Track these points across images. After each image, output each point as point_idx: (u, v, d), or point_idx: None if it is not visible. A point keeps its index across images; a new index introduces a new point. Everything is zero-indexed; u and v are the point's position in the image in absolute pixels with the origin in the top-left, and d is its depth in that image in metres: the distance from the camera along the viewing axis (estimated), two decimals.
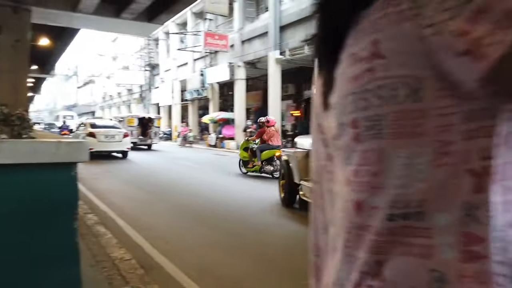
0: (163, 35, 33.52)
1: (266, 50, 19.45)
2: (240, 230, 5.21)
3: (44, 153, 2.11)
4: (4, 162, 2.01)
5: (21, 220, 2.07)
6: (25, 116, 3.02)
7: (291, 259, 3.76)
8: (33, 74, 33.41)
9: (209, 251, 4.32)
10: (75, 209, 2.21)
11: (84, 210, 5.73)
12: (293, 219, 5.70)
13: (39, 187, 2.12)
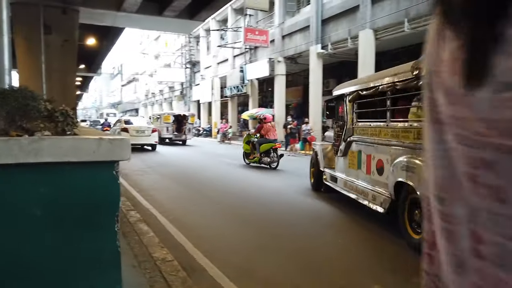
0: (203, 32, 33.84)
1: (307, 44, 19.02)
2: (283, 230, 4.99)
3: (84, 151, 1.98)
4: (43, 161, 1.90)
5: (60, 221, 1.96)
6: (69, 112, 2.96)
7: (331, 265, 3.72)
8: (81, 73, 34.87)
9: (252, 252, 4.13)
10: (116, 210, 2.08)
11: (127, 206, 5.73)
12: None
13: (79, 187, 2.00)
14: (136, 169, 10.81)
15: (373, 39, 15.57)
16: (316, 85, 18.71)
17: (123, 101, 69.44)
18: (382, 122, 5.25)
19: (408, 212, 4.39)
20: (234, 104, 28.78)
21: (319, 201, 6.72)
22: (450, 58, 0.33)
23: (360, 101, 6.00)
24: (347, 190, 6.08)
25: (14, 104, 2.69)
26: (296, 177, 9.30)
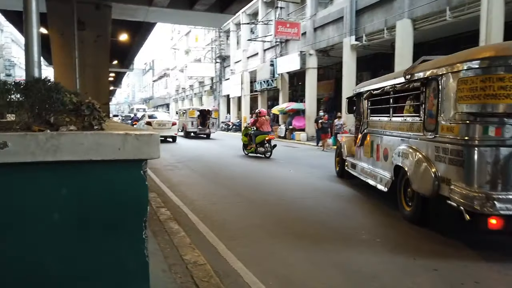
0: (233, 26, 33.66)
1: (340, 36, 18.41)
2: (322, 231, 4.67)
3: (109, 148, 1.75)
4: (63, 159, 1.68)
5: (82, 227, 1.74)
6: (95, 106, 2.75)
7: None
8: (114, 68, 35.58)
9: (288, 256, 3.84)
10: (144, 214, 1.84)
11: (158, 203, 5.58)
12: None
13: (102, 189, 1.77)
14: (166, 164, 10.74)
15: (411, 29, 14.82)
16: (350, 78, 18.10)
17: (155, 96, 70.60)
18: (387, 117, 6.23)
19: (403, 190, 5.32)
20: (264, 99, 28.46)
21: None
22: None
23: (372, 99, 6.98)
24: (363, 175, 7.03)
25: (38, 95, 2.52)
26: (327, 173, 8.93)
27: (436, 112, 4.55)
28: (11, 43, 43.83)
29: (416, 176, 4.87)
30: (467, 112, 4.01)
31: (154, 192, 6.36)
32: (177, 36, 54.27)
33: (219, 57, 36.55)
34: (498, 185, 3.83)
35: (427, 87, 4.86)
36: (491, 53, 3.89)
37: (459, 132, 4.10)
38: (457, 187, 4.07)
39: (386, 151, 6.09)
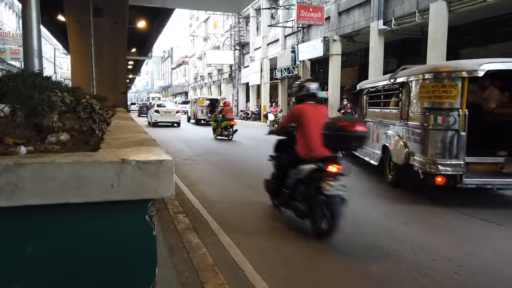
0: (253, 12, 32.75)
1: (367, 20, 17.40)
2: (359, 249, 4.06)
3: (95, 184, 1.14)
4: (24, 204, 1.09)
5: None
6: (95, 106, 2.16)
7: None
8: (132, 56, 35.23)
9: (329, 277, 3.23)
10: (151, 279, 1.24)
11: (175, 207, 5.03)
12: None
13: (87, 246, 1.17)
14: (185, 157, 10.23)
15: (446, 12, 13.76)
16: (377, 64, 17.14)
17: (173, 84, 70.42)
18: (379, 109, 8.10)
19: (387, 163, 7.04)
20: (284, 87, 27.65)
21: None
22: None
23: (369, 95, 8.79)
24: (361, 154, 8.55)
25: (17, 95, 1.95)
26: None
27: (408, 106, 6.38)
28: None
29: (395, 151, 6.67)
30: (425, 107, 5.87)
31: None
32: (195, 23, 53.59)
33: (238, 44, 35.75)
34: (443, 155, 5.59)
35: (403, 88, 6.68)
36: (438, 69, 5.86)
37: (420, 120, 5.96)
38: (418, 157, 5.93)
39: (378, 135, 7.79)
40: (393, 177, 6.79)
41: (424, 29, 16.93)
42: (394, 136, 6.77)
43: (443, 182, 5.51)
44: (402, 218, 5.07)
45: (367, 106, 8.90)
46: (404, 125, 6.45)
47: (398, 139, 6.56)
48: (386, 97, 7.89)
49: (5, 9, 36.24)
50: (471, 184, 5.53)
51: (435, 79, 5.74)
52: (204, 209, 5.25)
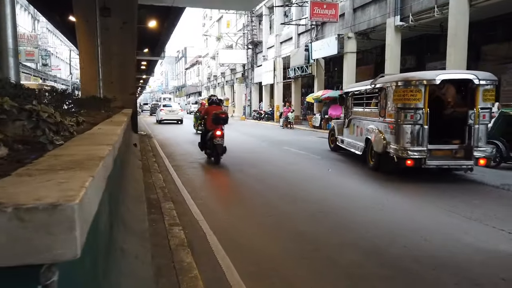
0: (266, 10, 32.27)
1: (383, 16, 16.74)
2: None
3: None
4: None
5: None
6: (41, 115, 1.73)
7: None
8: (145, 56, 35.15)
9: None
10: None
11: (172, 218, 4.60)
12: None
13: None
14: (192, 161, 9.82)
15: (467, 6, 13.03)
16: (393, 62, 16.45)
17: (187, 84, 70.43)
18: (362, 108, 9.61)
19: (369, 152, 8.62)
20: (297, 86, 27.08)
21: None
22: None
23: (354, 97, 10.30)
24: (348, 146, 10.34)
25: None
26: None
27: (385, 106, 7.95)
28: (47, 33, 44.47)
29: (375, 142, 8.16)
30: (398, 106, 7.43)
31: (170, 202, 5.40)
32: (208, 23, 53.40)
33: (251, 43, 35.30)
34: (411, 143, 7.22)
35: (381, 92, 8.24)
36: (407, 78, 7.49)
37: (394, 117, 7.53)
38: (393, 145, 7.50)
39: (361, 130, 9.36)
40: (374, 163, 8.43)
41: (443, 25, 16.17)
42: (374, 130, 8.33)
43: (412, 164, 7.20)
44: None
45: (352, 106, 10.42)
46: (382, 121, 8.09)
47: (378, 132, 8.14)
48: (367, 99, 9.46)
49: (20, 11, 36.62)
50: (432, 165, 7.27)
51: (405, 86, 7.39)
52: (204, 220, 4.81)
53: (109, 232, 2.57)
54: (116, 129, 3.04)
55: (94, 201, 1.04)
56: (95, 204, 1.06)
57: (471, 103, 7.42)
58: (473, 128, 7.30)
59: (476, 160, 7.22)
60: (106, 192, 1.86)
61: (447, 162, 7.40)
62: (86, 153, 1.54)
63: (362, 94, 9.65)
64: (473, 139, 7.28)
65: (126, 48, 16.16)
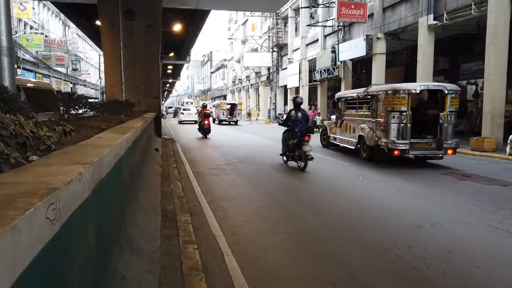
0: (292, 12, 31.79)
1: (415, 16, 15.94)
2: None
3: None
4: None
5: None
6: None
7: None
8: (171, 61, 35.36)
9: None
10: None
11: (187, 235, 4.18)
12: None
13: None
14: (213, 167, 9.45)
15: (508, 2, 12.13)
16: (426, 63, 15.62)
17: (212, 87, 70.70)
18: (355, 111, 11.37)
19: (362, 146, 10.57)
20: (323, 89, 26.41)
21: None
22: None
23: (347, 101, 12.03)
24: (341, 142, 12.15)
25: None
26: None
27: (376, 109, 9.88)
28: (77, 38, 45.56)
29: (368, 138, 10.03)
30: (387, 109, 9.42)
31: (187, 214, 5.00)
32: (234, 26, 53.38)
33: (276, 46, 34.87)
34: (398, 137, 9.25)
35: (373, 98, 10.12)
36: (395, 88, 9.55)
37: (384, 117, 9.49)
38: (383, 140, 9.46)
39: (354, 128, 11.12)
40: (367, 154, 10.32)
41: (480, 24, 15.24)
42: (367, 128, 10.20)
43: (398, 153, 9.25)
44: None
45: (344, 109, 12.15)
46: (374, 121, 9.96)
47: (370, 130, 10.04)
48: (360, 103, 11.13)
49: (51, 17, 37.61)
50: (413, 154, 9.40)
51: (393, 94, 9.37)
52: (222, 236, 4.37)
53: (105, 259, 2.17)
54: (118, 137, 2.65)
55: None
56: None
57: (442, 107, 9.51)
58: (443, 126, 9.46)
59: (445, 150, 9.41)
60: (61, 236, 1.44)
61: (424, 152, 9.58)
62: (39, 180, 1.12)
63: (355, 100, 11.43)
64: (443, 135, 9.42)
65: (150, 52, 16.05)
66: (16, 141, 1.42)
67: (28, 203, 0.90)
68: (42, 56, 32.38)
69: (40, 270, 0.91)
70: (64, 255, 1.19)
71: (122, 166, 3.08)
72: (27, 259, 0.82)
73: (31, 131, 1.48)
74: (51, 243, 0.98)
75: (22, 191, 1.01)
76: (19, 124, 1.42)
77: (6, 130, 1.31)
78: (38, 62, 31.75)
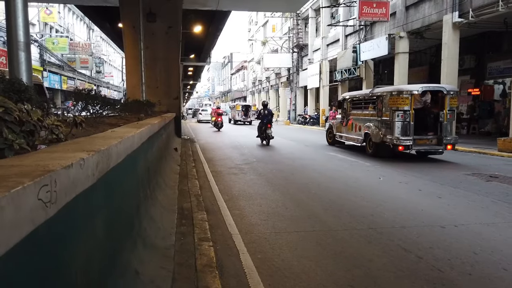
0: (313, 12, 31.58)
1: (439, 13, 15.53)
2: None
3: None
4: None
5: None
6: None
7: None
8: (191, 62, 35.67)
9: None
10: None
11: (203, 232, 4.15)
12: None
13: None
14: (232, 166, 9.42)
15: None
16: (451, 62, 15.19)
17: (233, 89, 70.99)
18: (361, 110, 12.22)
19: (368, 143, 11.40)
20: (344, 89, 26.03)
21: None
22: None
23: (353, 101, 12.84)
24: (347, 140, 13.20)
25: None
26: None
27: (382, 108, 10.72)
28: (101, 41, 46.58)
29: (373, 135, 10.92)
30: (392, 109, 10.23)
31: (204, 212, 4.97)
32: (254, 28, 53.47)
33: (296, 46, 34.70)
34: (402, 134, 10.04)
35: (378, 98, 10.97)
36: (399, 89, 10.52)
37: (389, 116, 10.31)
38: (389, 136, 10.27)
39: (360, 127, 11.93)
40: (373, 150, 11.10)
41: (507, 21, 14.75)
42: (372, 126, 11.07)
43: (402, 149, 10.13)
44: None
45: (350, 109, 12.97)
46: (380, 119, 10.78)
47: (375, 127, 10.91)
48: (365, 103, 11.95)
49: (76, 21, 38.58)
50: (416, 150, 10.34)
51: (397, 94, 10.26)
52: (238, 234, 4.32)
53: (115, 252, 2.14)
54: (131, 131, 2.63)
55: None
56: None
57: (442, 106, 10.30)
58: (443, 124, 10.25)
59: (445, 145, 10.22)
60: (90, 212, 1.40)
61: (426, 147, 10.42)
62: (38, 164, 1.09)
63: (360, 100, 12.30)
64: (443, 131, 10.22)
65: (171, 53, 16.20)
66: (23, 128, 1.40)
67: (18, 182, 0.87)
68: (67, 59, 33.23)
69: (32, 251, 0.88)
70: (64, 242, 1.15)
71: (137, 161, 3.07)
72: (14, 238, 0.78)
73: (38, 120, 1.47)
74: (46, 226, 0.95)
75: (16, 172, 0.98)
76: (26, 112, 1.41)
77: (9, 115, 1.29)
78: (63, 64, 32.59)
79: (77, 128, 2.08)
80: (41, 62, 28.25)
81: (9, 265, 0.78)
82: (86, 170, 1.31)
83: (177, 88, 16.91)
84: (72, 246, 1.23)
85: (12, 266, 0.80)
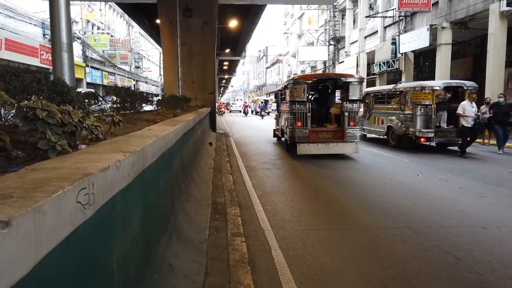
0: (350, 4, 30.86)
1: (485, 2, 14.72)
2: None
3: None
4: None
5: None
6: (40, 110, 1.39)
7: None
8: (227, 57, 35.96)
9: None
10: None
11: (236, 227, 4.21)
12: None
13: None
14: (266, 161, 9.46)
15: None
16: (498, 54, 14.40)
17: (267, 83, 70.84)
18: (383, 105, 12.97)
19: (390, 135, 12.24)
20: (383, 82, 25.33)
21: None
22: None
23: (376, 96, 13.57)
24: (368, 132, 13.99)
25: None
26: None
27: (405, 103, 11.47)
28: (140, 37, 47.83)
29: (396, 127, 11.69)
30: (414, 103, 11.03)
31: (237, 207, 5.04)
32: (290, 21, 52.96)
33: (333, 39, 34.08)
34: (424, 127, 10.80)
35: (401, 93, 11.70)
36: (422, 85, 11.14)
37: (412, 110, 11.09)
38: (411, 129, 11.05)
39: (382, 120, 12.73)
40: (395, 142, 11.85)
41: None
42: (395, 120, 11.78)
43: (424, 141, 10.78)
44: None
45: (373, 103, 13.63)
46: (402, 113, 11.52)
47: (398, 121, 11.63)
48: (389, 98, 12.65)
49: (116, 18, 39.81)
50: (437, 142, 11.01)
51: (420, 90, 10.92)
52: (271, 230, 4.35)
53: (150, 248, 2.22)
54: (166, 129, 2.70)
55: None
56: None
57: (461, 101, 10.61)
58: None
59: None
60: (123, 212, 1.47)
61: (446, 139, 11.05)
62: (77, 166, 1.15)
63: (383, 95, 13.03)
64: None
65: (206, 48, 16.41)
66: (64, 129, 1.48)
67: (58, 186, 0.93)
68: (108, 55, 34.40)
69: (71, 252, 0.94)
70: (101, 241, 1.22)
71: (172, 157, 3.15)
72: (54, 240, 0.84)
73: (78, 121, 1.55)
74: (84, 227, 1.01)
75: (56, 176, 1.05)
76: (68, 114, 1.49)
77: (52, 118, 1.38)
78: (104, 60, 33.79)
79: (115, 127, 2.17)
80: (84, 58, 29.44)
81: (52, 263, 0.84)
82: (122, 171, 1.37)
83: (212, 83, 17.11)
84: (109, 243, 1.30)
85: (54, 265, 0.86)
